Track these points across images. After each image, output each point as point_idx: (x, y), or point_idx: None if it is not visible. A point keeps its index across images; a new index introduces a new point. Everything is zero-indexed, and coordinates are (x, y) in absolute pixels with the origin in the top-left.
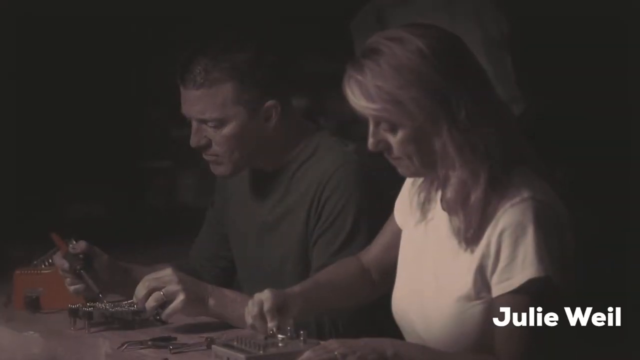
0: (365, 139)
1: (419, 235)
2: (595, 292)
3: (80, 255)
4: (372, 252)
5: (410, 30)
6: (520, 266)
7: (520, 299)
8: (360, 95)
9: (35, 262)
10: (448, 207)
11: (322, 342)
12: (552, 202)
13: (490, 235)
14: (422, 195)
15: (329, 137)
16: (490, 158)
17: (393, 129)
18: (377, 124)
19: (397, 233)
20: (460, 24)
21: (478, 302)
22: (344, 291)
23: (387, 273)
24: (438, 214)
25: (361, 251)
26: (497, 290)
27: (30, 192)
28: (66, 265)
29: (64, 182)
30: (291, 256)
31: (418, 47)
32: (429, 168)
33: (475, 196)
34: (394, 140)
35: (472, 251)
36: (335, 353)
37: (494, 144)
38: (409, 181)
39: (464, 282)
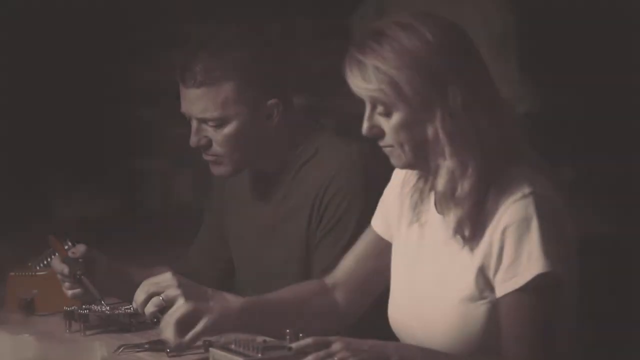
0: (367, 138)
1: (413, 240)
2: (597, 290)
3: (80, 260)
4: (341, 266)
5: (420, 18)
6: (526, 263)
7: (527, 296)
8: (358, 74)
9: (29, 264)
10: (439, 201)
11: (325, 339)
12: (552, 195)
13: (492, 233)
14: (415, 196)
15: (331, 137)
16: (482, 149)
17: (388, 113)
18: (373, 107)
19: (373, 242)
20: (464, 20)
21: (482, 302)
22: (297, 309)
23: (356, 291)
24: (432, 217)
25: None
26: (502, 289)
27: (24, 193)
28: (66, 270)
29: (58, 183)
30: (293, 258)
31: (424, 36)
32: (421, 159)
33: (461, 188)
34: (388, 126)
35: (472, 250)
36: (335, 359)
37: (488, 136)
38: (395, 185)
39: (466, 283)
